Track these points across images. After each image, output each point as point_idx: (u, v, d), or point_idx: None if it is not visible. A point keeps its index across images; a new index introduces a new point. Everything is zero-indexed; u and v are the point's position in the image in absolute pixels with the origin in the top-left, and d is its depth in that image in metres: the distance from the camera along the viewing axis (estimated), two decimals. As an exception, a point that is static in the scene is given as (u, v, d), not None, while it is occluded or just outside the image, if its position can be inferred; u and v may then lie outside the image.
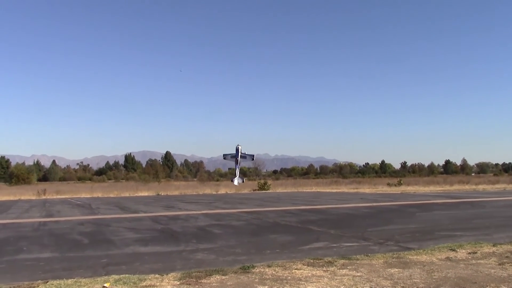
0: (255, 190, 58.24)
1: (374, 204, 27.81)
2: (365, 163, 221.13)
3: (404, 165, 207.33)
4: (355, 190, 53.53)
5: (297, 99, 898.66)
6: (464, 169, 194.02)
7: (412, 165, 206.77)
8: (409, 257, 9.51)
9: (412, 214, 20.78)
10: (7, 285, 7.75)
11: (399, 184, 66.14)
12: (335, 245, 11.70)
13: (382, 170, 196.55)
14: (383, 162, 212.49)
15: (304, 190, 56.71)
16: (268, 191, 56.84)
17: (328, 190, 55.36)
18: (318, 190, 57.61)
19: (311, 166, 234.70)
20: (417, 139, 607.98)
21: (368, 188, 59.77)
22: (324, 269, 8.50)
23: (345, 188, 62.17)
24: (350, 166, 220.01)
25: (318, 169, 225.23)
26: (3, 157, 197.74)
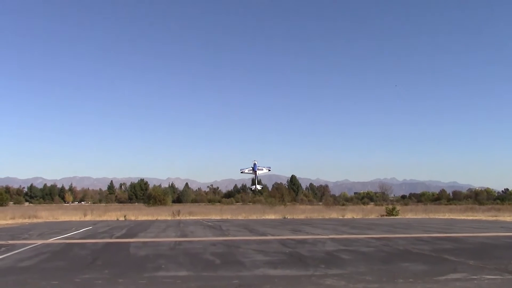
0: (383, 215, 56.42)
1: (518, 233, 25.41)
2: (505, 189, 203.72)
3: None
4: (494, 218, 49.36)
5: (425, 120, 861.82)
6: None
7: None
8: None
9: None
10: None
11: (547, 212, 59.76)
12: (475, 277, 10.83)
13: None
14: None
15: (436, 217, 53.61)
16: (397, 217, 54.66)
17: (463, 218, 51.73)
18: (452, 217, 54.10)
19: (443, 191, 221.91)
20: None
21: (509, 216, 54.73)
22: (464, 302, 7.90)
23: (482, 215, 57.58)
24: (487, 191, 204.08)
25: (451, 194, 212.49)
26: (142, 180, 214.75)
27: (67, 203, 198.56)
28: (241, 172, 51.98)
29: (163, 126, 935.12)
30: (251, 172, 45.77)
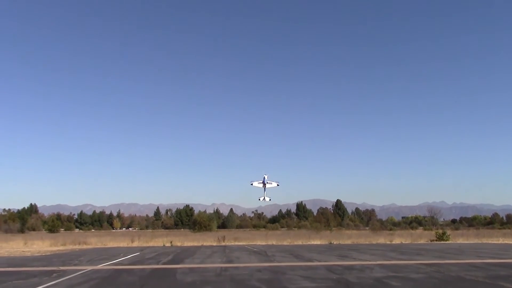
0: (433, 240, 54.69)
1: None
2: None
3: None
4: (553, 243, 47.04)
5: (474, 141, 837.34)
6: None
7: None
8: None
9: None
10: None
11: None
12: (535, 305, 10.30)
13: None
14: None
15: (489, 242, 51.50)
16: (448, 241, 52.85)
17: (518, 242, 49.53)
18: (506, 241, 51.82)
19: (495, 215, 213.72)
20: None
21: None
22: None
23: (539, 240, 54.99)
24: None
25: (505, 218, 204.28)
26: (187, 206, 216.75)
27: (115, 229, 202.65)
28: (251, 184, 54.31)
29: (207, 153, 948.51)
30: (261, 184, 49.17)
